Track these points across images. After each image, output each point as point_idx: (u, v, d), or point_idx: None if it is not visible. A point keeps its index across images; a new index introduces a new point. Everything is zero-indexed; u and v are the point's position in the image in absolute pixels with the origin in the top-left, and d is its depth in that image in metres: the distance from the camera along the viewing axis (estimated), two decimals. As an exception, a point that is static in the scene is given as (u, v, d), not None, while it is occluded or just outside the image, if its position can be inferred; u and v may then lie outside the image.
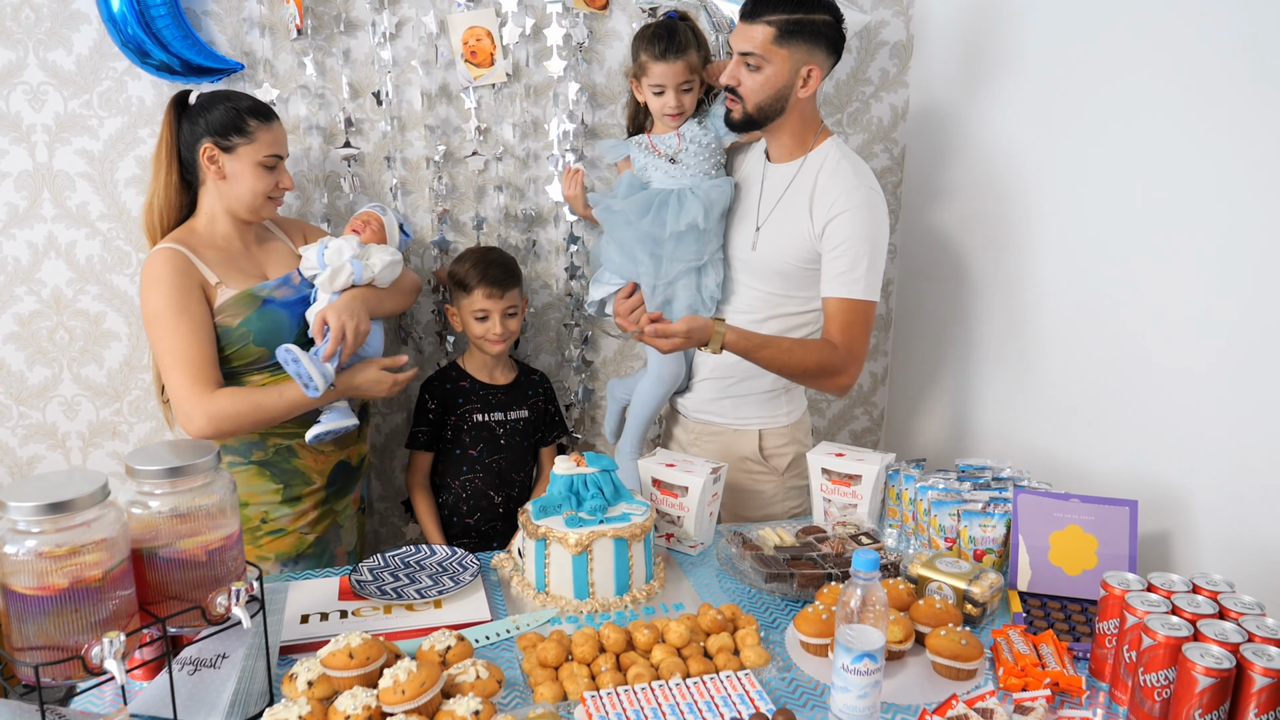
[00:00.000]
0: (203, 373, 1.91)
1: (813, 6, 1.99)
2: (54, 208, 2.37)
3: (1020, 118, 2.34)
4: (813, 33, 1.99)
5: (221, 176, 1.98)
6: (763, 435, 2.28)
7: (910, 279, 2.92)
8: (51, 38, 2.28)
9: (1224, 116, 1.74)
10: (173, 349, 1.91)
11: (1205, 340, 1.80)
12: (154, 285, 1.92)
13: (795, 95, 2.04)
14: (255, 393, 1.96)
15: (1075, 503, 1.78)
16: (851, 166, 2.07)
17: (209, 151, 1.96)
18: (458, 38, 2.45)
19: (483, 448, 2.43)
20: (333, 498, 2.17)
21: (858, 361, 2.04)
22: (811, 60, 2.01)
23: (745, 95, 2.05)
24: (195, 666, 1.38)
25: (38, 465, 2.53)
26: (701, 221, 2.18)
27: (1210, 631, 1.30)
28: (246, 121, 1.96)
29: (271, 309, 2.00)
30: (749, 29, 2.00)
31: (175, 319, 1.91)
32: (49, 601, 1.18)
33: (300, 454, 2.09)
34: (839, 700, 1.34)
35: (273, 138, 2.00)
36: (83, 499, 1.19)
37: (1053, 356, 2.25)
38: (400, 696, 1.27)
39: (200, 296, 1.95)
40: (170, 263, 1.93)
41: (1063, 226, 2.19)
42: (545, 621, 1.68)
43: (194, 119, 1.97)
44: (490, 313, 2.34)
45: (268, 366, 2.01)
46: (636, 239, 2.25)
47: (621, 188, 2.33)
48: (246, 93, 1.97)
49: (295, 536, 2.11)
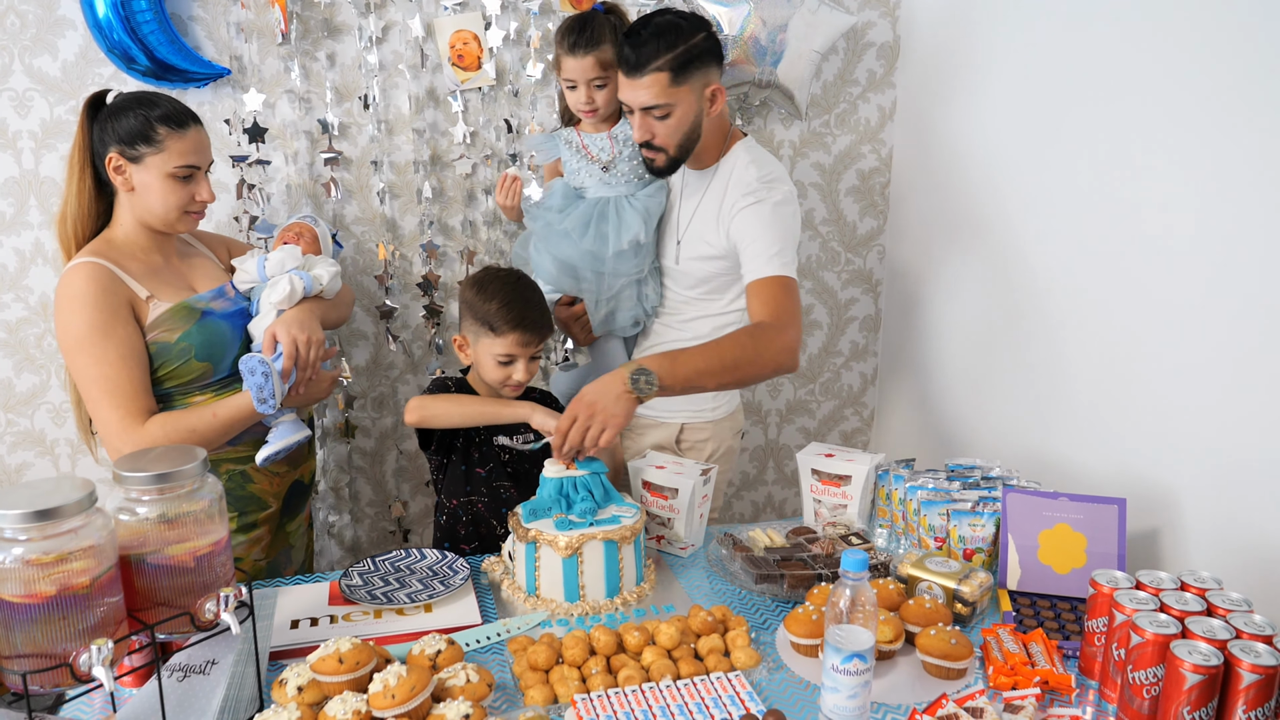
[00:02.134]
0: (133, 402, 1.78)
1: (690, 32, 1.94)
2: (41, 214, 2.37)
3: (1007, 117, 2.35)
4: (701, 55, 1.95)
5: (130, 188, 1.82)
6: (684, 428, 2.25)
7: (898, 279, 2.93)
8: (37, 44, 2.28)
9: (1210, 114, 1.75)
10: (99, 377, 1.76)
11: (1193, 338, 1.81)
12: (74, 305, 1.76)
13: (705, 120, 2.02)
14: (188, 417, 1.83)
15: (1064, 501, 1.78)
16: (757, 168, 2.04)
17: (114, 161, 1.80)
18: (444, 41, 2.45)
19: (492, 468, 2.12)
20: (285, 519, 2.09)
21: (794, 322, 1.91)
22: (709, 80, 1.98)
23: (663, 144, 2.01)
24: (184, 673, 1.37)
25: (26, 473, 2.52)
26: (643, 236, 2.16)
27: (1198, 629, 1.31)
28: (155, 130, 1.79)
29: (212, 321, 1.88)
30: (639, 83, 1.94)
31: (101, 343, 1.76)
32: (36, 609, 1.17)
33: (255, 478, 1.98)
34: (829, 700, 1.34)
35: (186, 147, 1.82)
36: (69, 506, 1.18)
37: (1041, 355, 2.25)
38: (390, 701, 1.27)
39: (128, 316, 1.80)
40: (93, 279, 1.77)
41: (1050, 225, 2.20)
42: (536, 625, 1.68)
43: (104, 124, 1.81)
44: (517, 359, 2.03)
45: (209, 385, 1.89)
46: (579, 256, 2.19)
47: (556, 198, 2.25)
48: (169, 97, 1.86)
49: (249, 564, 2.01)
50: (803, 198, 2.85)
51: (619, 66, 1.98)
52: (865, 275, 2.99)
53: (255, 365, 1.80)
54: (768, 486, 3.12)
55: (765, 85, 2.60)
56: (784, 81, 2.60)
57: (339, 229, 2.53)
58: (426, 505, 2.80)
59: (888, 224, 2.96)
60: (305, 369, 1.88)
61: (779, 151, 2.79)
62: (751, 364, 1.85)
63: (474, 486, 2.10)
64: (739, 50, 2.53)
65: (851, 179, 2.89)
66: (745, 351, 1.84)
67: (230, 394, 1.90)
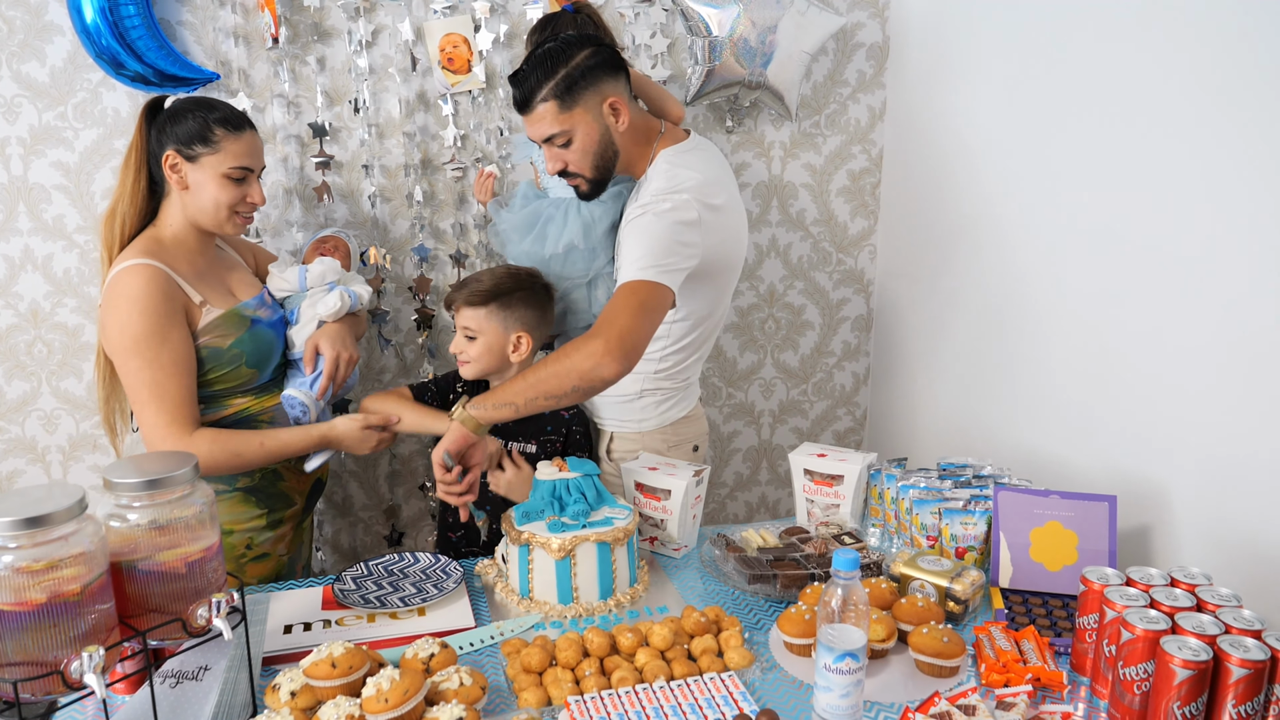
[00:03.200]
0: (181, 410, 1.82)
1: (568, 55, 1.90)
2: (30, 220, 2.36)
3: (997, 116, 2.36)
4: (586, 74, 1.90)
5: (184, 186, 1.88)
6: (613, 437, 2.21)
7: (890, 279, 2.94)
8: (24, 50, 2.27)
9: (1196, 115, 1.76)
10: (151, 382, 1.79)
11: (1182, 336, 1.82)
12: (133, 308, 1.78)
13: (616, 134, 1.97)
14: (234, 440, 1.88)
15: (1055, 499, 1.79)
16: (664, 180, 1.96)
17: (171, 159, 1.86)
18: (434, 45, 2.45)
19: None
20: (304, 516, 2.15)
21: (610, 326, 1.76)
22: (604, 96, 1.93)
23: (577, 170, 1.99)
24: (177, 679, 1.37)
25: (18, 480, 2.51)
26: (580, 242, 2.13)
27: (1188, 624, 1.31)
28: (213, 131, 1.85)
29: (261, 329, 1.95)
30: (531, 118, 1.94)
31: (156, 348, 1.79)
32: (27, 617, 1.17)
33: (285, 476, 2.04)
34: (822, 700, 1.35)
35: (241, 149, 1.89)
36: (60, 513, 1.18)
37: (1032, 354, 2.26)
38: (383, 705, 1.27)
39: (182, 321, 1.83)
40: (153, 281, 1.80)
41: (1040, 224, 2.20)
42: (529, 627, 1.68)
43: (162, 126, 1.87)
44: (457, 328, 2.11)
45: (252, 389, 1.95)
46: (522, 256, 2.22)
47: (517, 199, 2.28)
48: (226, 102, 1.92)
49: (275, 559, 2.06)
50: (794, 199, 2.86)
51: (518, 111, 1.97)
52: (857, 275, 3.00)
53: (295, 402, 1.95)
54: (761, 487, 3.13)
55: (755, 86, 2.60)
56: (774, 83, 2.60)
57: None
58: (420, 509, 2.80)
59: (879, 224, 2.96)
60: (340, 385, 2.00)
61: (769, 152, 2.80)
62: (557, 377, 1.76)
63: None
64: (729, 51, 2.54)
65: (842, 179, 2.89)
66: (549, 367, 1.77)
67: (269, 398, 1.98)
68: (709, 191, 1.95)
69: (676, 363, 2.14)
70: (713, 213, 1.94)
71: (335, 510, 2.72)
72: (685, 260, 1.88)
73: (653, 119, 2.08)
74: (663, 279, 1.83)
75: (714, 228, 1.95)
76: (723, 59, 2.55)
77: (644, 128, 2.03)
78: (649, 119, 2.07)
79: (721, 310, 2.16)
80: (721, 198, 1.98)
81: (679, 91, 2.66)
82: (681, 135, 2.08)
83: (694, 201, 1.91)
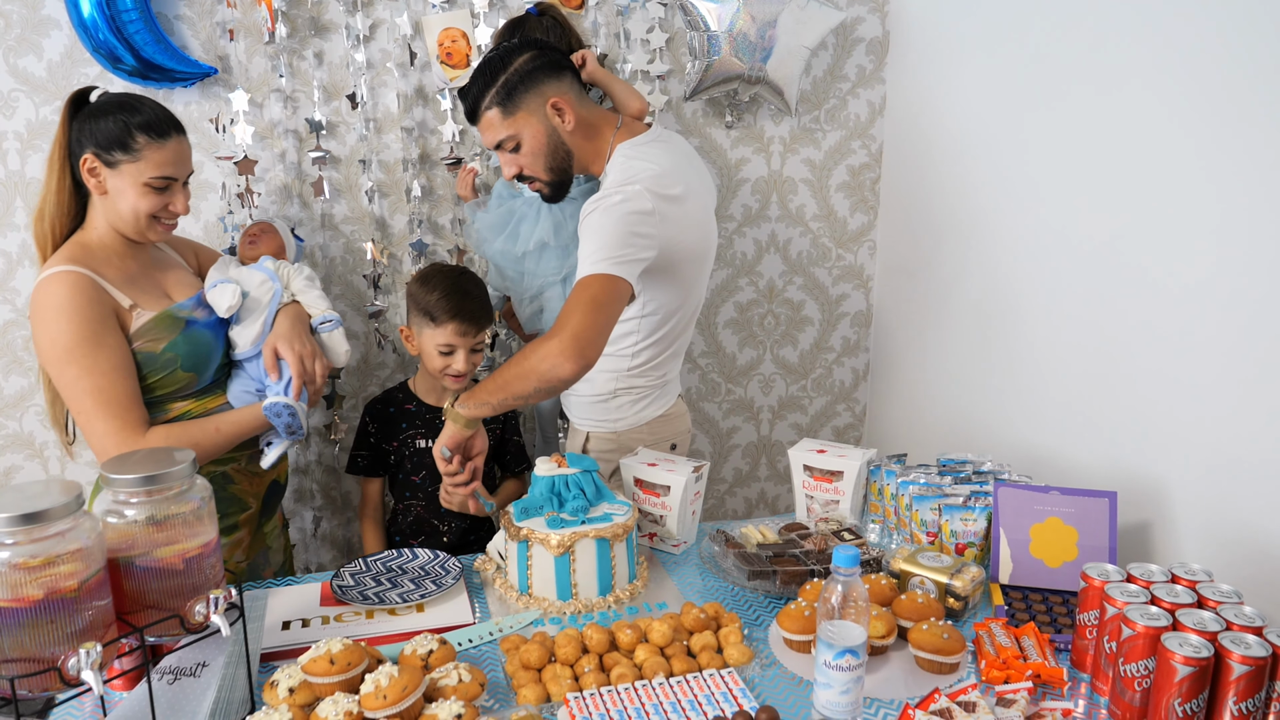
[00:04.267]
0: (130, 413, 1.75)
1: (507, 61, 1.95)
2: (26, 215, 2.35)
3: (998, 111, 2.35)
4: (525, 78, 1.95)
5: (102, 192, 1.78)
6: (589, 437, 2.22)
7: (889, 274, 2.93)
8: (21, 44, 2.26)
9: (1201, 110, 1.76)
10: (93, 389, 1.72)
11: (1184, 331, 1.82)
12: (60, 315, 1.71)
13: (564, 133, 1.99)
14: (190, 430, 1.82)
15: (1055, 495, 1.78)
16: (617, 174, 1.96)
17: (89, 163, 1.76)
18: (433, 39, 2.44)
19: (425, 475, 2.28)
20: (263, 520, 2.09)
21: (567, 324, 1.76)
22: (546, 97, 1.96)
23: (532, 172, 2.03)
24: (175, 675, 1.37)
25: (15, 476, 2.50)
26: (551, 239, 2.15)
27: (1189, 621, 1.31)
28: (134, 137, 1.75)
29: (196, 330, 1.86)
30: (481, 127, 2.00)
31: (92, 354, 1.72)
32: (24, 613, 1.17)
33: (236, 479, 1.97)
34: (822, 696, 1.34)
35: (164, 157, 1.78)
36: (57, 509, 1.18)
37: (1032, 350, 2.26)
38: (382, 701, 1.27)
39: (114, 325, 1.76)
40: (77, 288, 1.72)
41: (1041, 219, 2.20)
42: (528, 623, 1.68)
43: (83, 124, 1.77)
44: (457, 349, 2.17)
45: (193, 394, 1.88)
46: (496, 255, 2.26)
47: (493, 198, 2.32)
48: (154, 102, 1.82)
49: (231, 566, 2.00)
50: (793, 194, 2.85)
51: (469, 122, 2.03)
52: (856, 271, 2.99)
53: (280, 409, 1.86)
54: (760, 483, 3.12)
55: (755, 81, 2.59)
56: (773, 77, 2.60)
57: (329, 229, 2.52)
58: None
59: (878, 219, 2.96)
60: (314, 381, 1.92)
61: (769, 147, 2.79)
62: (520, 379, 1.78)
63: (411, 491, 2.32)
64: (727, 46, 2.53)
65: (842, 174, 2.89)
66: (515, 367, 1.79)
67: (212, 400, 1.90)
68: (664, 182, 1.94)
69: (650, 359, 2.13)
70: (669, 203, 1.93)
71: (331, 506, 2.72)
72: (640, 251, 1.87)
73: (609, 114, 2.08)
74: (616, 270, 1.82)
75: (671, 218, 1.93)
76: (721, 54, 2.54)
77: (595, 124, 2.04)
78: (603, 114, 2.07)
79: (693, 304, 2.15)
80: (679, 188, 1.96)
81: (677, 87, 2.65)
82: (640, 128, 2.09)
83: (646, 192, 1.90)
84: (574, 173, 2.06)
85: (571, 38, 2.30)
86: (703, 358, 2.95)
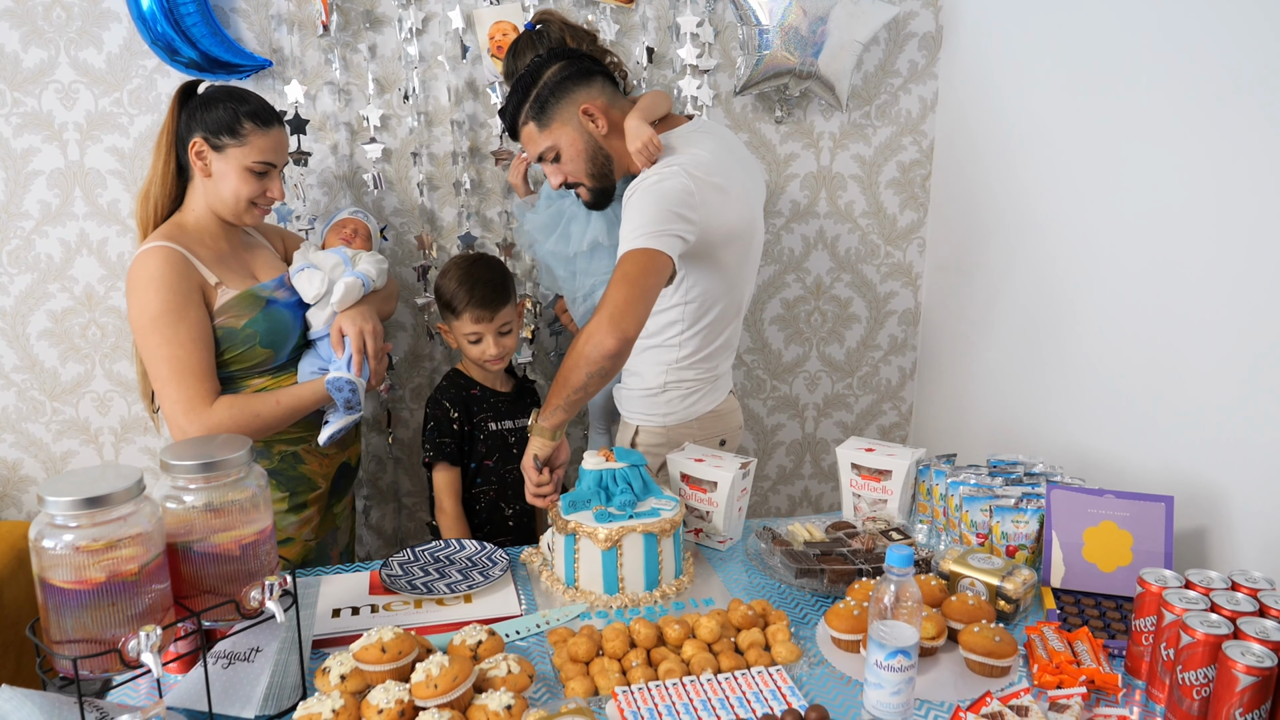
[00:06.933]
0: (200, 384, 1.84)
1: (537, 75, 1.98)
2: (85, 205, 2.40)
3: (1052, 108, 2.31)
4: (555, 89, 1.97)
5: (207, 174, 1.91)
6: (639, 431, 2.21)
7: (939, 272, 2.90)
8: (82, 36, 2.30)
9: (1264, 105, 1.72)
10: (170, 358, 1.82)
11: (1244, 334, 1.78)
12: (149, 287, 1.82)
13: (600, 139, 2.00)
14: (252, 402, 1.91)
15: (1110, 498, 1.76)
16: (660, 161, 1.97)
17: (197, 146, 1.88)
18: (484, 33, 2.45)
19: (498, 458, 2.33)
20: (333, 501, 2.16)
21: (603, 304, 1.79)
22: (578, 104, 1.98)
23: (575, 179, 2.04)
24: (229, 660, 1.38)
25: (71, 461, 2.55)
26: (604, 239, 2.15)
27: (1251, 629, 1.28)
28: (242, 123, 1.88)
29: (276, 309, 1.96)
30: (522, 142, 2.04)
31: (174, 325, 1.82)
32: (86, 595, 1.19)
33: (306, 459, 2.05)
34: (872, 696, 1.33)
35: (266, 144, 1.91)
36: (119, 494, 1.20)
37: (1086, 350, 2.22)
38: (433, 690, 1.28)
39: (199, 300, 1.86)
40: (168, 262, 1.84)
41: (1095, 218, 2.16)
42: (575, 616, 1.68)
43: (193, 112, 1.90)
44: (483, 335, 2.24)
45: (269, 370, 1.97)
46: (548, 255, 2.28)
47: (541, 199, 2.32)
48: (258, 95, 1.95)
49: (300, 544, 2.08)
50: (842, 190, 2.83)
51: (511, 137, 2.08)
52: (905, 268, 2.96)
53: (342, 384, 1.92)
54: (804, 480, 3.10)
55: (806, 76, 2.57)
56: (825, 72, 2.57)
57: (381, 221, 2.54)
58: (463, 496, 2.81)
59: (928, 217, 2.92)
60: (375, 358, 1.98)
61: (819, 143, 2.77)
62: (572, 369, 1.80)
63: (485, 478, 2.34)
64: (778, 40, 2.51)
65: (892, 171, 2.86)
66: (566, 361, 1.82)
67: (287, 378, 1.98)
68: (701, 165, 1.94)
69: (696, 349, 2.12)
70: (708, 187, 1.92)
71: (380, 496, 2.74)
72: (677, 225, 1.86)
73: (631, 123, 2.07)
74: (652, 244, 1.82)
75: (711, 201, 1.93)
76: (772, 48, 2.52)
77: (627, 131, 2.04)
78: (625, 122, 2.05)
79: (738, 294, 2.13)
80: (718, 172, 1.96)
81: (727, 82, 2.64)
82: (679, 120, 2.12)
83: (683, 172, 1.90)
84: (616, 177, 2.07)
85: (581, 40, 2.27)
86: (748, 354, 2.93)
